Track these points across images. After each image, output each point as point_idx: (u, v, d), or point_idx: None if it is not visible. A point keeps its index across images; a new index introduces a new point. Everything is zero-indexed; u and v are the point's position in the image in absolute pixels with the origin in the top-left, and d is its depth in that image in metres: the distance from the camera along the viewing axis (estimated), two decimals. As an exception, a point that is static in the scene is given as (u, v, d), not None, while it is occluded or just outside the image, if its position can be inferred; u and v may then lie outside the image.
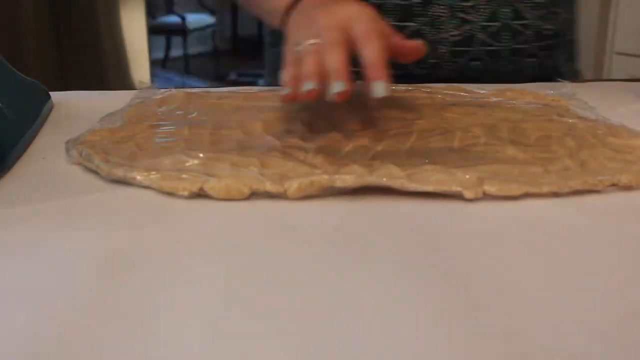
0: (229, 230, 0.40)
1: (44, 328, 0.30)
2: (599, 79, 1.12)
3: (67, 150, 0.51)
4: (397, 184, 0.43)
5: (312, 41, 0.49)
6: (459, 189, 0.43)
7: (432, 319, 0.31)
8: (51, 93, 0.66)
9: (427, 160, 0.47)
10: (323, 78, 0.47)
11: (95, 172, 0.48)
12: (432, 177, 0.44)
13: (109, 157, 0.49)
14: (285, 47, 0.54)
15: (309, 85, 0.46)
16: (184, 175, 0.45)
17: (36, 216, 0.42)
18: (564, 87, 0.67)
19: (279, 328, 0.30)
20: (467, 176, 0.44)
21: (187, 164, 0.47)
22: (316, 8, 0.54)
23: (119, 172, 0.46)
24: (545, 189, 0.44)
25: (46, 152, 0.53)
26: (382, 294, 0.33)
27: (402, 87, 0.67)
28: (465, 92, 0.67)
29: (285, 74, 0.50)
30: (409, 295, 0.33)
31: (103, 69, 2.20)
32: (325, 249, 0.38)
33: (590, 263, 0.36)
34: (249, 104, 0.64)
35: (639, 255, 0.37)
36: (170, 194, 0.44)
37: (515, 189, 0.43)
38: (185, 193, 0.44)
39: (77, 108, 0.64)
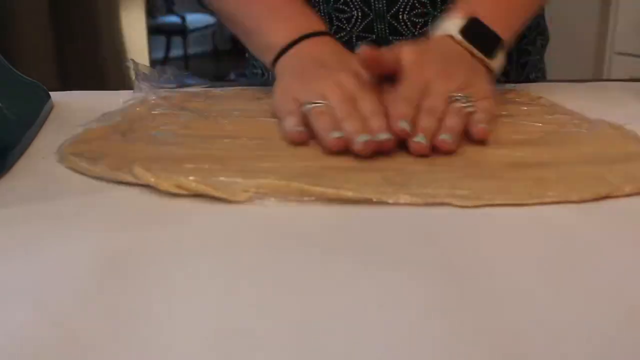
0: (229, 231, 0.40)
1: (44, 328, 0.30)
2: (598, 79, 1.12)
3: (60, 157, 0.51)
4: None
5: (320, 102, 0.54)
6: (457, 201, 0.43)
7: (432, 319, 0.31)
8: (51, 93, 0.66)
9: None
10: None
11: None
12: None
13: (97, 159, 0.49)
14: (281, 94, 0.59)
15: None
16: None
17: (36, 216, 0.42)
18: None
19: (279, 328, 0.30)
20: (467, 190, 0.43)
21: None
22: (316, 67, 0.59)
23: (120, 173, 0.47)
24: (548, 200, 0.43)
25: (46, 152, 0.52)
26: (381, 295, 0.33)
27: None
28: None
29: (293, 123, 0.54)
30: (408, 296, 0.33)
31: (103, 69, 2.20)
32: (325, 249, 0.38)
33: (589, 263, 0.36)
34: (248, 105, 0.65)
35: (638, 255, 0.37)
36: (167, 194, 0.44)
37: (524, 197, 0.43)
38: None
39: (77, 108, 0.63)
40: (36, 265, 0.36)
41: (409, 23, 0.73)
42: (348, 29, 0.74)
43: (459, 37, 0.61)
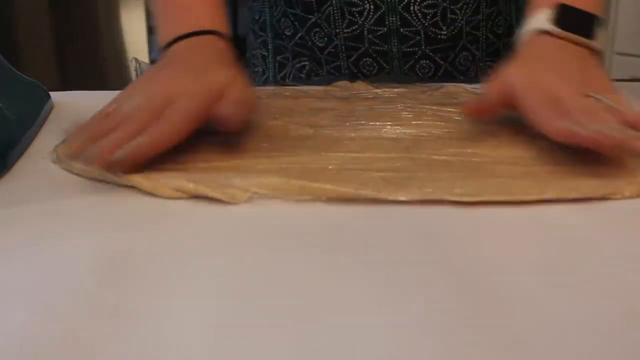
0: (229, 231, 0.40)
1: (44, 328, 0.30)
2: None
3: (55, 159, 0.51)
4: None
5: (130, 108, 0.50)
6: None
7: (432, 319, 0.31)
8: (51, 93, 0.66)
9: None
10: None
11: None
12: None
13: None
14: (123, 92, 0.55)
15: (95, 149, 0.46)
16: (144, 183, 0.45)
17: (36, 216, 0.42)
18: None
19: (279, 328, 0.30)
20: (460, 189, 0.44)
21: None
22: (166, 69, 0.56)
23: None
24: (547, 197, 0.43)
25: (46, 152, 0.52)
26: (381, 294, 0.33)
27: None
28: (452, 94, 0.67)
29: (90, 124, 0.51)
30: (408, 296, 0.33)
31: (103, 69, 2.20)
32: (325, 249, 0.38)
33: (589, 263, 0.36)
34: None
35: (638, 255, 0.37)
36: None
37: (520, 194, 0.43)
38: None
39: (77, 108, 0.63)
40: (36, 265, 0.36)
41: (419, 14, 0.73)
42: (360, 22, 0.74)
43: (555, 29, 0.58)
